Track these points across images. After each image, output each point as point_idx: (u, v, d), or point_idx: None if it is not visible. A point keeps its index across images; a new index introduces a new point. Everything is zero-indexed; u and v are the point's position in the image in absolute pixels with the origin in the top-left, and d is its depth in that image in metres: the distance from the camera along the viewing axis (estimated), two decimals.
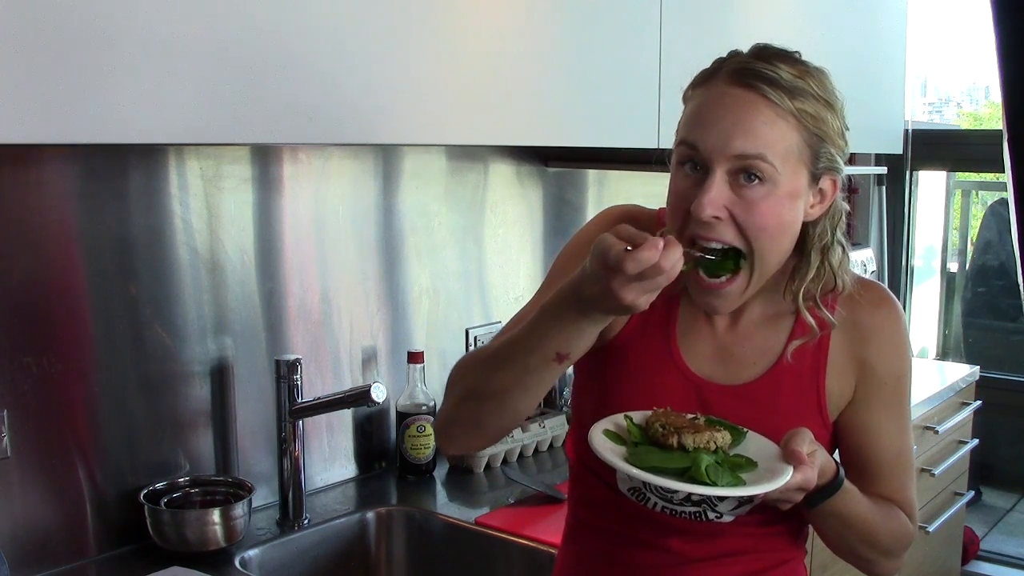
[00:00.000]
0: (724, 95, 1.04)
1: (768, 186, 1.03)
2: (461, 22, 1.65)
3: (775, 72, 1.03)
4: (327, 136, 1.52)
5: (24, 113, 1.13)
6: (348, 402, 1.75)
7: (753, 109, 1.02)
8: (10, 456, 1.50)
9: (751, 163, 1.02)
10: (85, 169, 1.58)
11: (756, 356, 1.16)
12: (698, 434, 1.04)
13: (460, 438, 1.19)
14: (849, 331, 1.15)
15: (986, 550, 3.46)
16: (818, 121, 1.05)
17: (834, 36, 2.74)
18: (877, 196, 3.61)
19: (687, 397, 1.15)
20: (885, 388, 1.16)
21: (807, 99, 1.04)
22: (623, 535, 1.20)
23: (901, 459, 1.18)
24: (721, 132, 1.02)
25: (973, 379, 3.09)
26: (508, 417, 1.13)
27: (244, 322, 1.81)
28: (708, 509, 1.12)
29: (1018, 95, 1.41)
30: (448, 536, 1.83)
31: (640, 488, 1.14)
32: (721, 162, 1.02)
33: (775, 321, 1.17)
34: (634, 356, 1.18)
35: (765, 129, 1.02)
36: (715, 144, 1.02)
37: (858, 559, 1.18)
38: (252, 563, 1.66)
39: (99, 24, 1.18)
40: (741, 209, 1.03)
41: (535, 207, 2.41)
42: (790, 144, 1.03)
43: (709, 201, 1.02)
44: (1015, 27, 1.36)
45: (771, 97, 1.02)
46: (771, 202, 1.03)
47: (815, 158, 1.06)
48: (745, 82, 1.03)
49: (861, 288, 1.17)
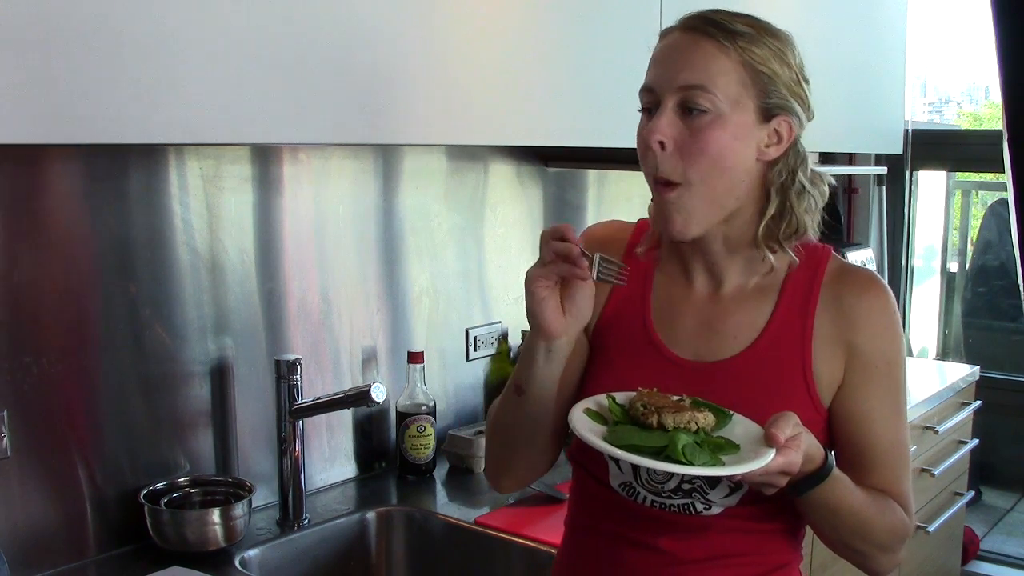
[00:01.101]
0: (675, 40, 1.12)
1: (711, 116, 1.08)
2: (461, 22, 1.65)
3: (723, 20, 1.11)
4: (327, 136, 1.52)
5: (25, 113, 1.13)
6: (348, 402, 1.75)
7: (696, 45, 1.10)
8: (10, 456, 1.50)
9: (693, 93, 1.08)
10: (85, 169, 1.58)
11: (737, 330, 1.17)
12: (679, 414, 1.03)
13: (496, 477, 1.29)
14: (836, 313, 1.15)
15: (986, 550, 3.46)
16: (764, 60, 1.10)
17: (834, 36, 2.74)
18: (877, 196, 3.61)
19: (666, 377, 1.15)
20: (877, 372, 1.15)
21: (753, 41, 1.10)
22: (615, 535, 1.19)
23: (896, 450, 1.17)
24: (668, 68, 1.11)
25: (973, 379, 3.09)
26: (522, 454, 1.23)
27: (244, 322, 1.81)
28: (697, 500, 1.12)
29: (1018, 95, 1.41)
30: (448, 536, 1.83)
31: (630, 483, 1.15)
32: (668, 95, 1.10)
33: (757, 296, 1.18)
34: (610, 342, 1.19)
35: (706, 61, 1.09)
36: (663, 79, 1.11)
37: (853, 553, 1.17)
38: (252, 563, 1.66)
39: (99, 24, 1.18)
40: (686, 137, 1.09)
41: (535, 207, 2.41)
42: (732, 77, 1.09)
43: (657, 128, 1.09)
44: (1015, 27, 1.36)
45: (715, 36, 1.09)
46: (714, 131, 1.08)
47: (763, 94, 1.11)
48: (693, 26, 1.11)
49: (849, 273, 1.18)
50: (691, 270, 1.20)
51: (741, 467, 0.99)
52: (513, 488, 1.32)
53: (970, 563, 3.35)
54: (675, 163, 1.09)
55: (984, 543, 3.49)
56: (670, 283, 1.22)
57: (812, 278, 1.17)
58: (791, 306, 1.16)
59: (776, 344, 1.15)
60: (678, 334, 1.19)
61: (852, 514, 1.11)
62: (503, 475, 1.28)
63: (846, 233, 3.58)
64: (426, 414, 2.04)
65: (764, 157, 1.12)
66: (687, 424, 1.02)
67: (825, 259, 1.19)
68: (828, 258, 1.19)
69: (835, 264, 1.19)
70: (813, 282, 1.17)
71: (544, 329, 1.09)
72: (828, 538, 1.17)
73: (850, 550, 1.16)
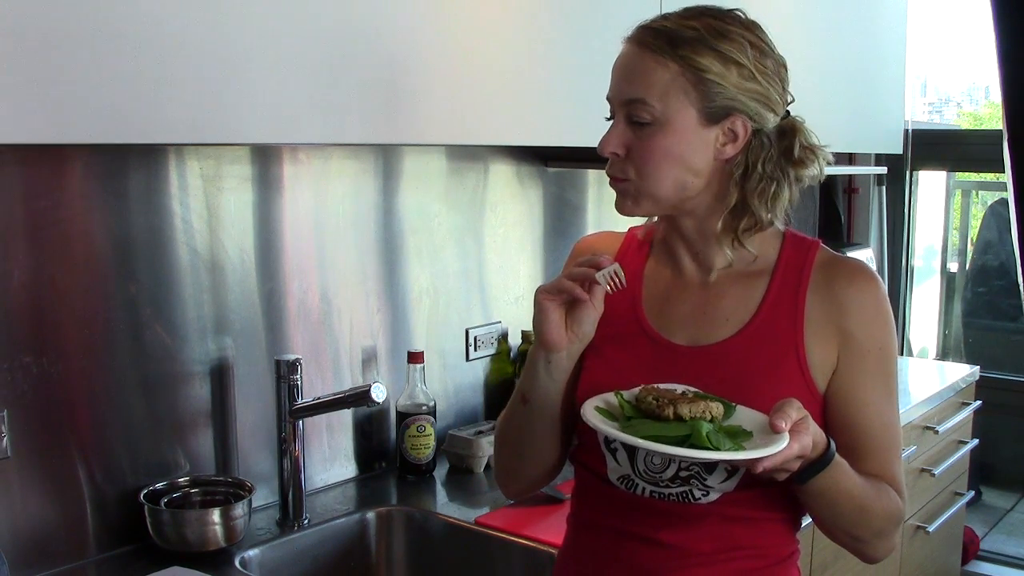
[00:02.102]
0: (624, 52, 1.18)
1: (656, 126, 1.14)
2: (461, 22, 1.65)
3: (663, 25, 1.15)
4: (327, 136, 1.52)
5: (25, 113, 1.13)
6: (348, 402, 1.75)
7: (636, 59, 1.16)
8: (10, 456, 1.50)
9: (635, 106, 1.14)
10: (85, 169, 1.58)
11: (731, 313, 1.19)
12: (694, 404, 1.04)
13: (505, 484, 1.34)
14: (827, 298, 1.17)
15: (986, 550, 3.46)
16: (706, 67, 1.13)
17: (834, 36, 2.74)
18: (877, 196, 3.61)
19: (661, 362, 1.18)
20: (869, 357, 1.17)
21: (697, 48, 1.13)
22: (617, 530, 1.21)
23: (888, 433, 1.19)
24: (616, 83, 1.18)
25: (973, 379, 3.09)
26: (529, 461, 1.27)
27: (244, 322, 1.81)
28: (695, 487, 1.13)
29: (1018, 95, 1.41)
30: (448, 536, 1.83)
31: (628, 475, 1.17)
32: (618, 108, 1.17)
33: (749, 279, 1.20)
34: (602, 335, 1.21)
35: (643, 75, 1.14)
36: (613, 95, 1.18)
37: (852, 540, 1.18)
38: (252, 563, 1.66)
39: (100, 24, 1.18)
40: (636, 146, 1.16)
41: (535, 207, 2.41)
42: (668, 86, 1.13)
43: (607, 140, 1.17)
44: (1015, 27, 1.36)
45: (654, 48, 1.14)
46: (659, 139, 1.14)
47: (705, 98, 1.13)
48: (638, 39, 1.16)
49: (839, 262, 1.21)
50: (679, 258, 1.24)
51: (765, 450, 1.00)
52: (522, 494, 1.36)
53: (970, 563, 3.35)
54: (625, 166, 1.17)
55: (984, 543, 3.50)
56: (661, 273, 1.25)
57: (803, 262, 1.20)
58: (783, 289, 1.19)
59: (769, 324, 1.17)
60: (672, 320, 1.21)
61: (851, 499, 1.12)
62: (511, 482, 1.33)
63: (846, 233, 3.59)
64: (426, 414, 2.04)
65: (721, 156, 1.16)
66: (703, 414, 1.04)
67: (815, 248, 1.22)
68: (818, 247, 1.22)
69: (825, 254, 1.22)
70: (804, 266, 1.20)
71: (544, 341, 1.16)
72: (828, 526, 1.17)
73: (849, 537, 1.17)
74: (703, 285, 1.22)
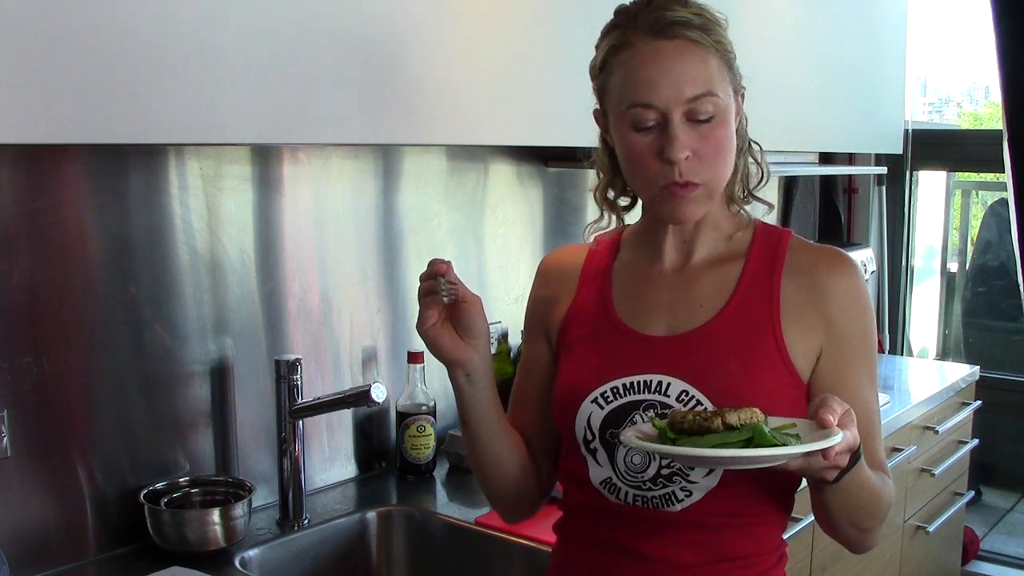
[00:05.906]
0: (657, 51, 1.12)
1: (718, 118, 1.12)
2: (461, 22, 1.65)
3: (682, 15, 1.12)
4: (327, 136, 1.52)
5: (25, 113, 1.13)
6: (348, 402, 1.75)
7: (688, 54, 1.11)
8: (10, 456, 1.50)
9: (700, 103, 1.11)
10: (85, 169, 1.58)
11: (706, 299, 1.19)
12: (740, 411, 1.03)
13: (502, 515, 1.34)
14: (807, 284, 1.17)
15: (986, 550, 3.46)
16: (727, 43, 1.15)
17: (834, 36, 2.74)
18: (877, 196, 3.62)
19: (634, 354, 1.17)
20: (855, 342, 1.17)
21: (713, 28, 1.14)
22: (603, 542, 1.19)
23: (874, 419, 1.19)
24: (671, 84, 1.11)
25: (973, 379, 3.09)
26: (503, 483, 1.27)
27: (244, 322, 1.81)
28: (678, 486, 1.13)
29: (1018, 95, 1.41)
30: (448, 536, 1.83)
31: (611, 478, 1.17)
32: (677, 109, 1.11)
33: (724, 264, 1.21)
34: (573, 337, 1.22)
35: (702, 68, 1.12)
36: (669, 96, 1.10)
37: (860, 532, 1.16)
38: (252, 563, 1.66)
39: (100, 24, 1.18)
40: (702, 144, 1.12)
41: (535, 207, 2.41)
42: (722, 73, 1.14)
43: (680, 144, 1.10)
44: (1015, 27, 1.37)
45: (694, 38, 1.12)
46: (723, 130, 1.13)
47: (734, 77, 1.16)
48: (667, 34, 1.12)
49: (814, 248, 1.22)
50: (662, 248, 1.23)
51: (829, 440, 0.98)
52: (522, 518, 1.34)
53: (970, 563, 3.35)
54: (696, 167, 1.12)
55: (984, 543, 3.50)
56: (634, 267, 1.25)
57: (776, 246, 1.21)
58: (757, 271, 1.19)
59: (745, 307, 1.17)
60: (648, 312, 1.21)
61: (871, 491, 1.11)
62: (501, 508, 1.33)
63: (846, 233, 3.59)
64: (426, 414, 2.04)
65: (740, 130, 1.20)
66: (750, 419, 1.02)
67: (787, 235, 1.23)
68: (790, 235, 1.23)
69: (797, 240, 1.23)
70: (778, 249, 1.20)
71: (450, 359, 1.19)
72: (841, 522, 1.14)
73: (858, 530, 1.15)
74: (679, 273, 1.22)
